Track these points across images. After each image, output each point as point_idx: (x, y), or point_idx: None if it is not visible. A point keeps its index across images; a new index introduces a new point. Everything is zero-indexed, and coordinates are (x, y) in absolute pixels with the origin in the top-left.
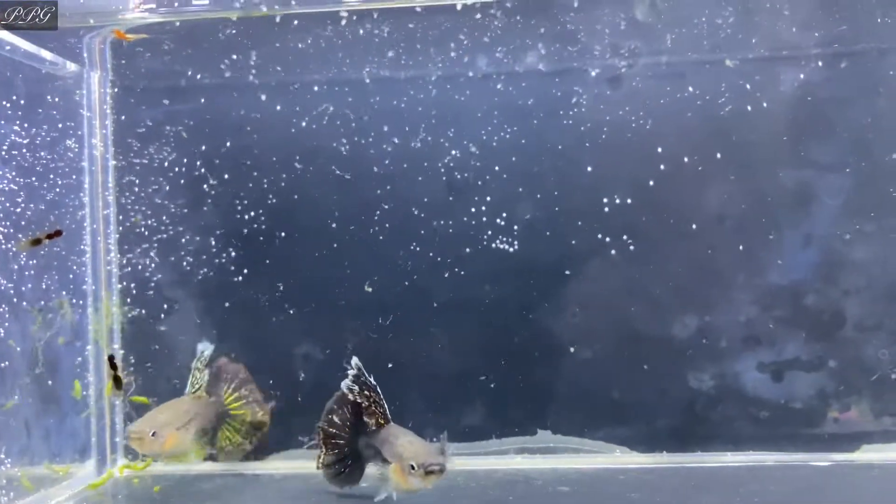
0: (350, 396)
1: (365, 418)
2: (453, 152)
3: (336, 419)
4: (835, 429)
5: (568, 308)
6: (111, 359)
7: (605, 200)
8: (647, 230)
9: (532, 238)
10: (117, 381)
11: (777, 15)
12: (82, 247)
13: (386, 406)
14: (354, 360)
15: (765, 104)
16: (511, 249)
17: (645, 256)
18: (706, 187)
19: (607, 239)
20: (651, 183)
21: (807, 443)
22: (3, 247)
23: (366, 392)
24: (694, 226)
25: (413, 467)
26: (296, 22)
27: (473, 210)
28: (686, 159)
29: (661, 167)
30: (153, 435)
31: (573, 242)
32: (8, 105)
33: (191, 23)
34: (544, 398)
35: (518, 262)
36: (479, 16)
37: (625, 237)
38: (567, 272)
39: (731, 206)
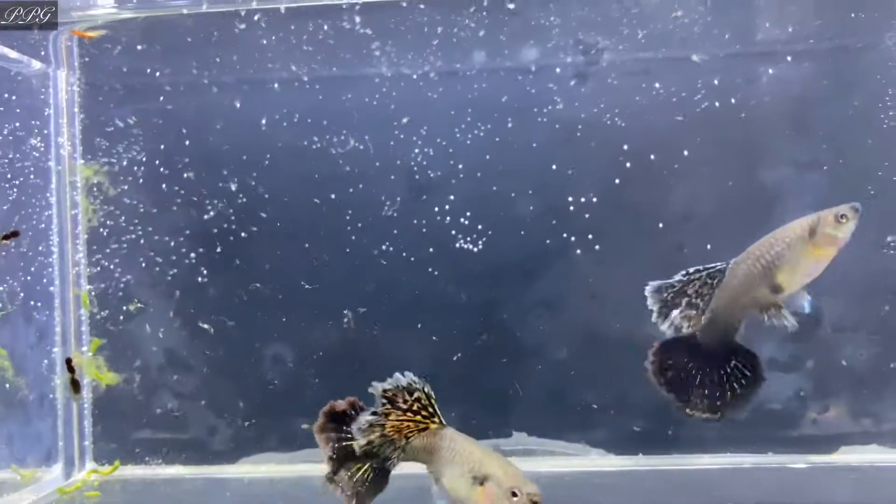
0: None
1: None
2: (421, 150)
3: None
4: (813, 430)
5: (536, 308)
6: (69, 361)
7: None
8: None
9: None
10: (75, 385)
11: (750, 11)
12: (49, 247)
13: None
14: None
15: (739, 102)
16: (475, 249)
17: (616, 255)
18: (677, 185)
19: (572, 238)
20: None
21: (784, 444)
22: None
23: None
24: (661, 224)
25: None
26: (261, 21)
27: (439, 209)
28: (653, 157)
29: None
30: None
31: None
32: None
33: (156, 19)
34: (518, 400)
35: (483, 263)
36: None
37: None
38: (534, 271)
39: (702, 204)
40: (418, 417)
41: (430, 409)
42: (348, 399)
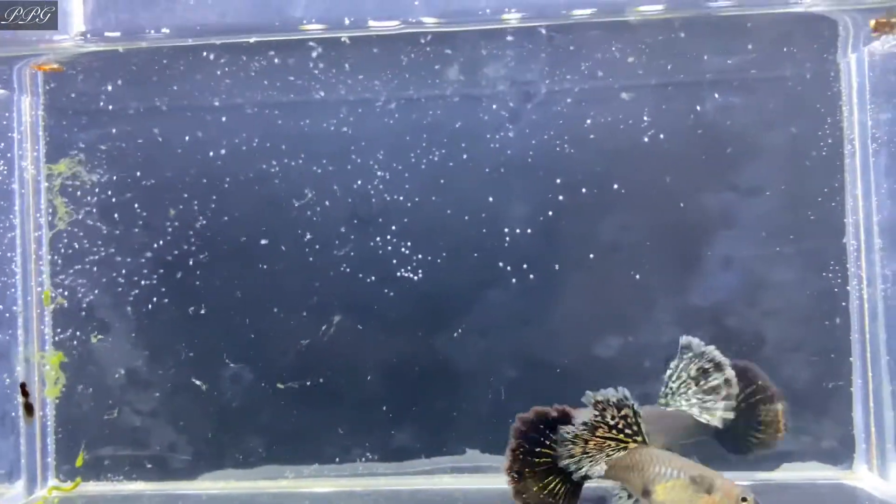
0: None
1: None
2: (377, 175)
3: None
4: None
5: (491, 329)
6: (23, 386)
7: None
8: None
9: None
10: (28, 409)
11: (688, 43)
12: (12, 269)
13: None
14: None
15: (678, 132)
16: (416, 278)
17: (565, 283)
18: (609, 217)
19: (508, 268)
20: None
21: (727, 462)
22: None
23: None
24: (591, 255)
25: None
26: (221, 51)
27: (392, 235)
28: (584, 190)
29: (560, 198)
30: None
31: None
32: None
33: (118, 51)
34: (472, 418)
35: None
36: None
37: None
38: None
39: (632, 235)
40: (621, 436)
41: (635, 428)
42: (561, 406)
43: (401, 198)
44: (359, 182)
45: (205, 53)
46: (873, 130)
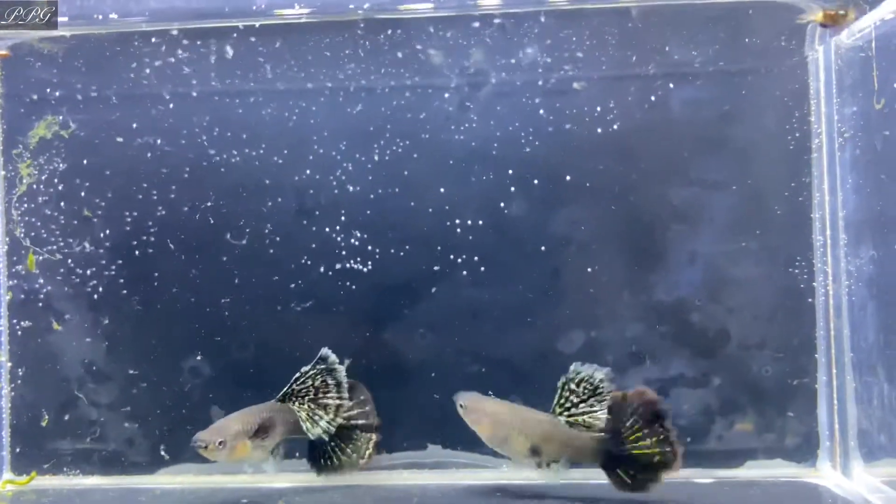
0: None
1: None
2: (339, 165)
3: None
4: (719, 445)
5: (454, 323)
6: None
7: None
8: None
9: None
10: None
11: (652, 34)
12: None
13: None
14: None
15: (642, 124)
16: (365, 269)
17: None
18: (563, 210)
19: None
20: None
21: (692, 459)
22: None
23: None
24: (543, 247)
25: None
26: (181, 37)
27: (349, 224)
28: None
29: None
30: (220, 444)
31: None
32: None
33: (78, 34)
34: (434, 413)
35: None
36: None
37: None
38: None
39: (585, 228)
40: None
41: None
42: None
43: (359, 189)
44: (320, 173)
45: (164, 40)
46: (839, 125)
